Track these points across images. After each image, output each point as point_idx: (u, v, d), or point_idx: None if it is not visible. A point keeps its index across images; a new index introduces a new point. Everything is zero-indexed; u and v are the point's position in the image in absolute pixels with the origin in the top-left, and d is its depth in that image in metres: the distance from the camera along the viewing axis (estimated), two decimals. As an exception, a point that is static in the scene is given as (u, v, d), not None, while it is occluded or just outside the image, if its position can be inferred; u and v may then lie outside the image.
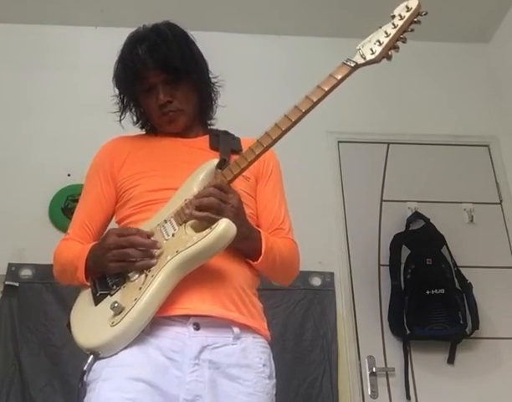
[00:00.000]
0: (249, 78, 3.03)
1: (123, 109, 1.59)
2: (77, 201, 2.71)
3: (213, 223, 1.21)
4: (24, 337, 2.43)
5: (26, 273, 2.57)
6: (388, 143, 3.11)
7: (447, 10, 2.98)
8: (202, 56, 1.57)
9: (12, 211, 2.72)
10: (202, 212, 1.24)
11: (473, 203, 2.97)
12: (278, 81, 3.16)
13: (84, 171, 2.70)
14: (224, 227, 1.19)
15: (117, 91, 1.58)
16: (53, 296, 2.51)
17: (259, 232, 1.35)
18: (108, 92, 3.26)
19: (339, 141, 3.08)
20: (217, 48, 1.59)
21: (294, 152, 1.39)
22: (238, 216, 1.26)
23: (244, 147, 1.35)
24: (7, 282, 2.53)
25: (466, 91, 3.27)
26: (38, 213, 2.74)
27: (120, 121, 1.60)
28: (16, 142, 2.93)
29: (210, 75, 1.58)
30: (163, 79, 1.46)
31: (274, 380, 1.32)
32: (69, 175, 2.84)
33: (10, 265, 2.57)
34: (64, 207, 2.76)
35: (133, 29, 1.55)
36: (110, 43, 3.16)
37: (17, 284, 2.53)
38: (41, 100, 3.03)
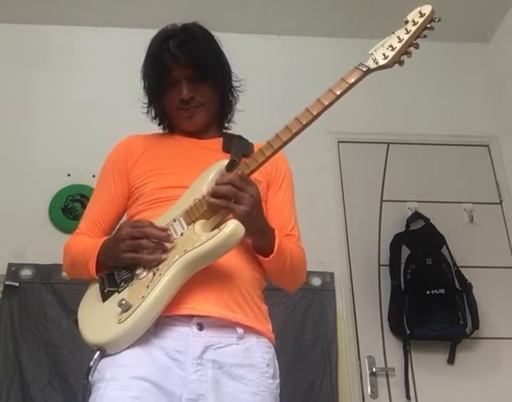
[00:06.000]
0: (249, 78, 3.02)
1: (150, 103, 1.59)
2: (77, 201, 2.77)
3: (227, 213, 1.24)
4: (24, 337, 2.43)
5: (26, 273, 2.57)
6: (388, 143, 3.11)
7: (446, 10, 2.96)
8: (227, 60, 1.59)
9: (13, 211, 2.71)
10: (219, 199, 1.25)
11: (473, 203, 2.97)
12: (277, 81, 3.16)
13: (84, 171, 2.73)
14: (233, 228, 1.20)
15: (143, 85, 1.58)
16: (53, 296, 2.52)
17: (273, 230, 1.35)
18: (108, 92, 3.26)
19: (339, 141, 3.08)
20: (216, 48, 1.59)
21: (294, 151, 1.39)
22: (256, 207, 1.26)
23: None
24: (7, 282, 2.53)
25: (466, 91, 3.27)
26: (38, 213, 2.74)
27: (148, 112, 1.61)
28: (16, 142, 2.93)
29: (233, 79, 1.60)
30: (188, 76, 1.47)
31: (278, 380, 1.33)
32: (69, 175, 2.84)
33: (10, 265, 2.57)
34: (63, 207, 2.77)
35: (133, 29, 1.56)
36: (110, 43, 3.21)
37: (17, 284, 2.53)
38: (41, 100, 3.03)
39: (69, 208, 2.76)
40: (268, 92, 3.09)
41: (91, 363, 1.20)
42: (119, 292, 1.25)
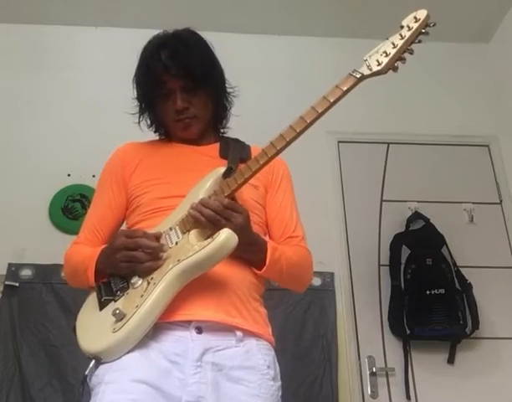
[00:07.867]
0: (249, 78, 3.03)
1: (141, 112, 1.59)
2: (77, 201, 2.78)
3: (214, 231, 1.22)
4: (24, 337, 2.43)
5: (26, 273, 2.57)
6: (388, 143, 3.11)
7: (447, 10, 2.98)
8: (220, 65, 1.58)
9: (13, 211, 2.71)
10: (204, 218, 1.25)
11: (473, 203, 2.97)
12: (277, 81, 3.16)
13: (84, 171, 2.73)
14: (225, 237, 1.20)
15: (136, 94, 1.58)
16: (53, 296, 2.51)
17: (266, 243, 1.35)
18: (108, 92, 3.26)
19: (339, 141, 3.08)
20: (216, 49, 1.59)
21: (294, 152, 1.39)
22: (240, 235, 1.23)
23: (254, 155, 1.36)
24: (7, 282, 2.53)
25: (466, 91, 3.27)
26: (38, 213, 2.74)
27: (139, 122, 1.60)
28: (16, 142, 2.92)
29: (226, 85, 1.59)
30: (182, 86, 1.46)
31: (279, 382, 1.33)
32: (69, 175, 2.84)
33: (10, 265, 2.57)
34: (63, 207, 2.77)
35: (133, 29, 1.55)
36: (110, 43, 3.21)
37: (17, 284, 2.53)
38: (41, 100, 3.03)
39: (69, 208, 2.76)
40: (268, 92, 3.09)
41: (86, 372, 1.21)
42: (115, 301, 1.26)
